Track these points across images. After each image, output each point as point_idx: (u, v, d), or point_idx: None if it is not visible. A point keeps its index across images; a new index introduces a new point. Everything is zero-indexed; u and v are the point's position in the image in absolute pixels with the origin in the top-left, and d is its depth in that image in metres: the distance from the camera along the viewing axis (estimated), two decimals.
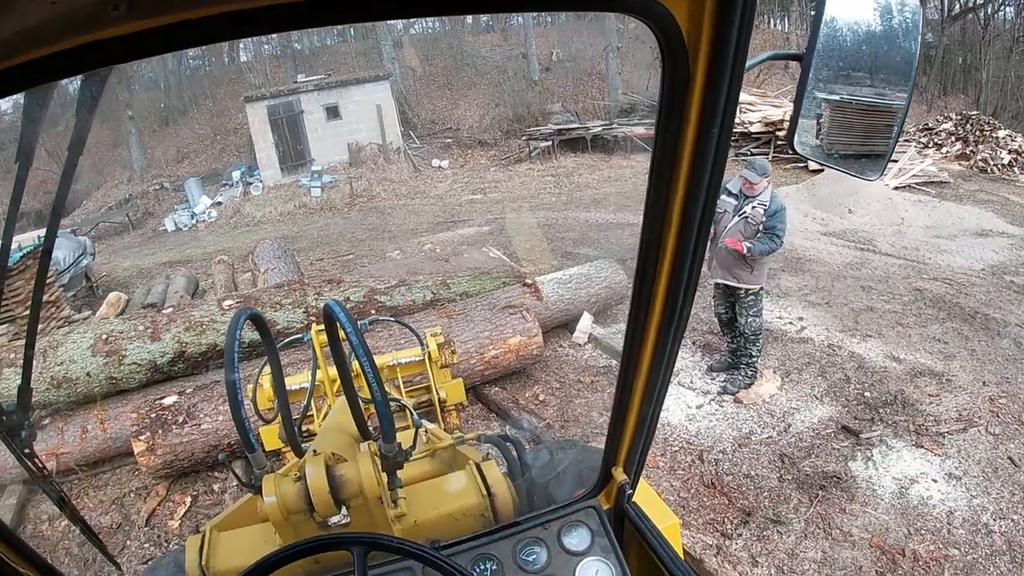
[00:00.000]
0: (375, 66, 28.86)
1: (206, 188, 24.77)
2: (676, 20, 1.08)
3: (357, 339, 1.98)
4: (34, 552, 1.76)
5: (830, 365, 7.37)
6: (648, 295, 1.60)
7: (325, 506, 2.15)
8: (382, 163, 24.96)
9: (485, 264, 8.69)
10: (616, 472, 2.22)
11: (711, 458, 6.03)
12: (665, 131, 1.27)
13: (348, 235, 17.73)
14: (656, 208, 1.41)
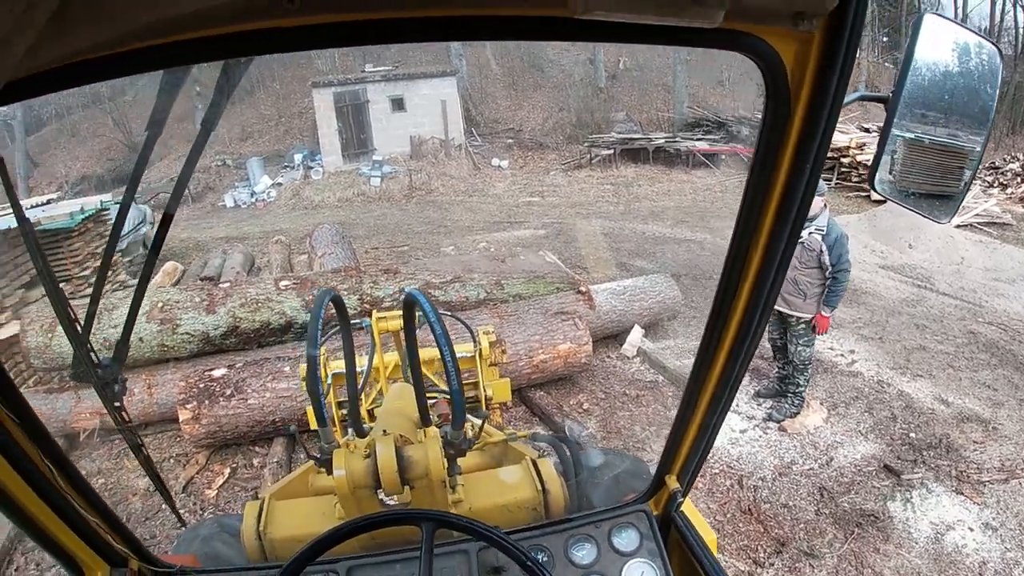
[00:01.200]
0: (442, 62, 28.97)
1: (267, 168, 25.14)
2: (783, 61, 1.18)
3: (440, 328, 2.06)
4: (100, 499, 1.83)
5: (878, 402, 7.20)
6: (726, 314, 1.70)
7: (391, 484, 2.25)
8: (443, 158, 25.10)
9: (540, 268, 8.64)
10: (669, 480, 2.29)
11: (750, 484, 5.95)
12: (762, 164, 1.36)
13: (404, 226, 17.83)
14: (744, 234, 1.51)
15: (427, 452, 2.33)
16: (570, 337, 7.32)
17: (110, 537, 1.93)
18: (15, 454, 1.52)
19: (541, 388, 7.52)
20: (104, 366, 1.75)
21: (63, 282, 10.73)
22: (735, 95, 28.50)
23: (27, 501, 1.63)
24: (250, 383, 6.63)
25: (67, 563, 1.88)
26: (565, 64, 31.47)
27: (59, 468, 1.65)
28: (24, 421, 1.51)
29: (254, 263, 13.82)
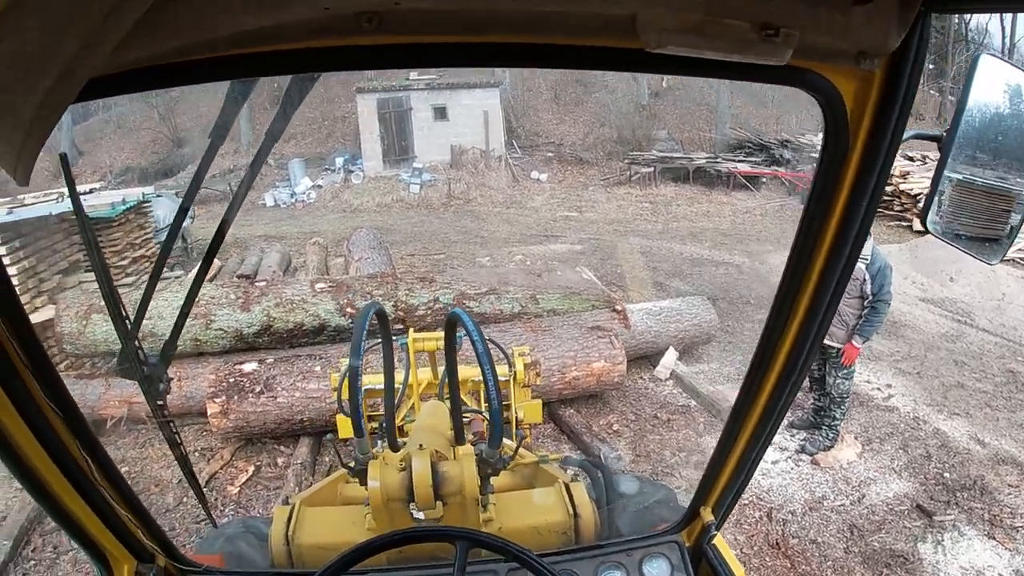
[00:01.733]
0: (486, 73, 29.02)
1: (308, 170, 25.37)
2: (843, 99, 1.20)
3: (482, 347, 2.09)
4: (132, 493, 1.88)
5: (913, 439, 7.02)
6: (773, 347, 1.74)
7: (425, 498, 2.26)
8: (482, 168, 25.14)
9: (577, 285, 8.58)
10: (704, 512, 2.27)
11: (779, 517, 5.83)
12: (819, 198, 1.39)
13: (441, 235, 17.87)
14: (797, 268, 1.54)
15: (462, 469, 2.33)
16: (605, 355, 7.25)
17: (140, 532, 1.96)
18: (54, 444, 1.54)
19: (571, 406, 7.45)
20: (151, 363, 1.76)
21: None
22: (779, 118, 28.20)
23: (61, 491, 1.64)
24: (280, 381, 6.65)
25: (95, 555, 1.90)
26: (609, 80, 31.33)
27: (95, 460, 1.68)
28: (65, 412, 1.52)
29: (291, 263, 13.91)
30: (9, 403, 1.40)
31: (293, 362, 6.87)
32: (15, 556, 5.35)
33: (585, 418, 7.27)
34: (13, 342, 1.34)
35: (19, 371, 1.39)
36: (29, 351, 1.39)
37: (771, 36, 0.98)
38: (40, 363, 1.42)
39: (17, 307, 1.34)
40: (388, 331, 2.61)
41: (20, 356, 1.37)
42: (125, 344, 1.68)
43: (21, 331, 1.36)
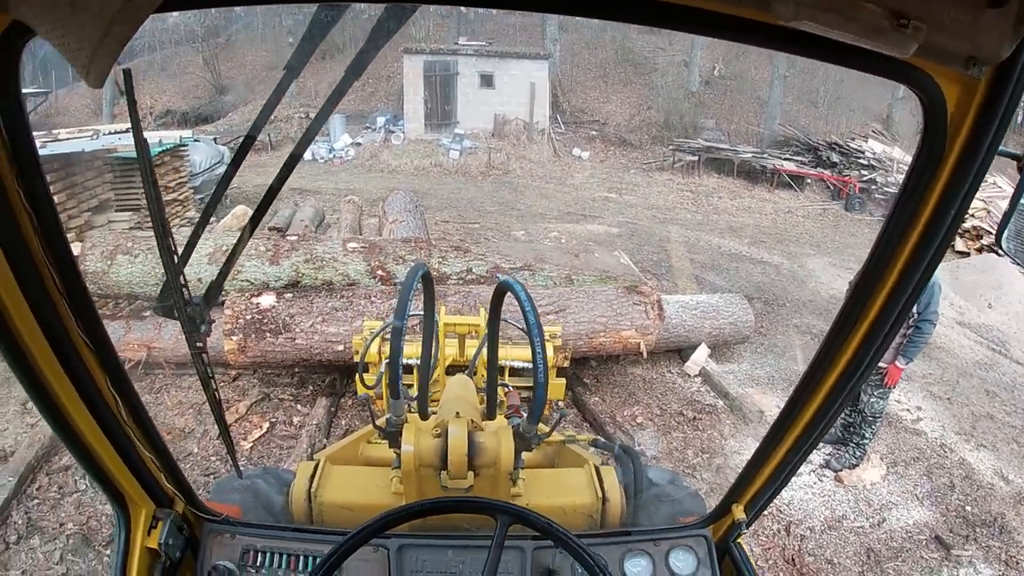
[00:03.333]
0: (536, 44, 28.75)
1: (349, 127, 25.27)
2: (946, 103, 1.17)
3: (534, 319, 2.06)
4: (158, 436, 1.87)
5: (938, 467, 6.83)
6: (834, 354, 1.70)
7: (459, 467, 2.25)
8: (524, 140, 24.93)
9: (614, 269, 8.36)
10: (735, 509, 2.26)
11: (797, 533, 5.70)
12: (905, 203, 1.36)
13: (477, 204, 17.77)
14: (872, 276, 1.52)
15: (499, 441, 2.32)
16: (637, 325, 7.09)
17: (161, 476, 1.97)
18: (82, 379, 1.53)
19: (596, 393, 7.37)
20: (194, 304, 1.72)
21: (131, 211, 10.86)
22: (828, 119, 27.70)
23: (85, 427, 1.64)
24: (299, 322, 6.60)
25: (113, 495, 1.91)
26: (659, 63, 30.96)
27: (124, 399, 1.68)
28: (97, 347, 1.53)
29: (324, 219, 13.84)
30: (40, 333, 1.39)
31: (312, 302, 6.79)
32: (19, 494, 5.33)
33: (609, 407, 7.16)
34: (52, 271, 1.34)
35: (54, 301, 1.39)
36: (67, 282, 1.39)
37: (902, 27, 0.95)
38: (77, 295, 1.43)
39: (60, 235, 1.33)
40: (432, 295, 2.55)
41: (57, 286, 1.37)
42: (171, 281, 1.64)
43: (61, 261, 1.36)
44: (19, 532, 4.99)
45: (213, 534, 2.22)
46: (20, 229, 1.26)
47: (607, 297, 7.19)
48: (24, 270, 1.30)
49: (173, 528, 2.04)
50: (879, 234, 1.45)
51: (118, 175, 11.04)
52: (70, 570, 4.75)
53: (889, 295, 1.52)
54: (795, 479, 6.29)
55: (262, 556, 2.22)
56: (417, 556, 2.21)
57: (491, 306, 2.51)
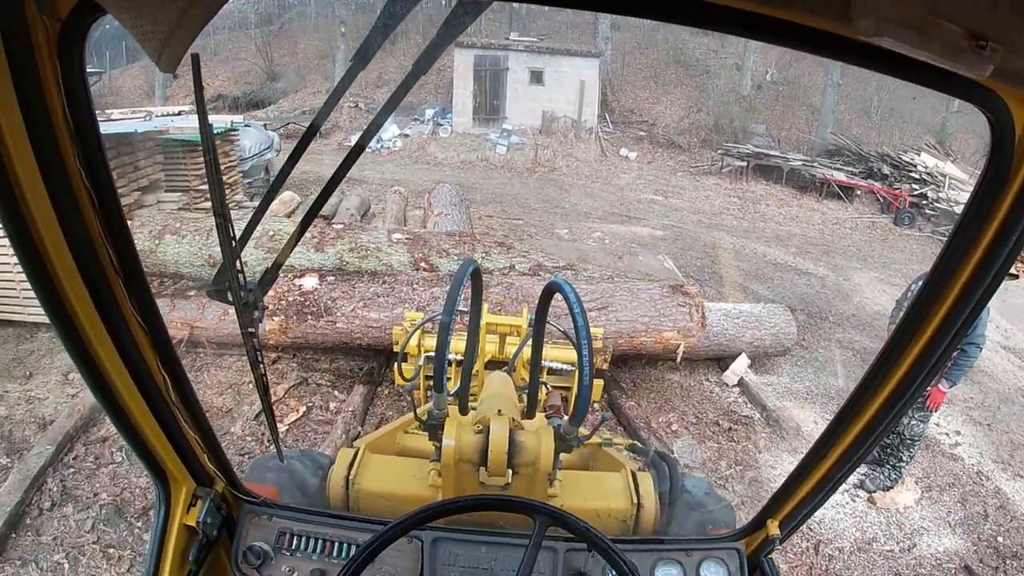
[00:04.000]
0: (588, 42, 28.62)
1: (397, 118, 25.31)
2: (1015, 125, 1.17)
3: (582, 320, 2.04)
4: (203, 416, 1.91)
5: (973, 494, 6.66)
6: (885, 373, 1.68)
7: (498, 464, 2.27)
8: (572, 139, 24.82)
9: (657, 273, 8.32)
10: (770, 524, 2.24)
11: (826, 552, 5.60)
12: (967, 224, 1.34)
13: (522, 200, 17.76)
14: (931, 296, 1.49)
15: (540, 441, 2.33)
16: (679, 327, 7.06)
17: (204, 457, 2.01)
18: (134, 358, 1.57)
19: (632, 398, 7.32)
20: (248, 289, 1.74)
21: (180, 191, 11.05)
22: (880, 129, 27.21)
23: (134, 405, 1.68)
24: (340, 306, 6.70)
25: (156, 472, 1.94)
26: (711, 65, 30.67)
27: (173, 380, 1.72)
28: (150, 328, 1.57)
29: (369, 209, 13.94)
30: (95, 312, 1.42)
31: (354, 286, 6.87)
32: (56, 462, 5.46)
33: (645, 412, 7.10)
34: (109, 250, 1.37)
35: (111, 280, 1.42)
36: (123, 262, 1.42)
37: (980, 48, 0.94)
38: (133, 275, 1.46)
39: (119, 216, 1.36)
40: (480, 291, 2.61)
41: (114, 265, 1.40)
42: (227, 265, 1.65)
43: (119, 241, 1.38)
44: (53, 499, 5.11)
45: (250, 515, 2.26)
46: (80, 208, 1.28)
47: (651, 296, 7.15)
48: (82, 248, 1.32)
49: (212, 507, 2.08)
50: (939, 254, 1.44)
51: (169, 156, 11.24)
52: (101, 539, 4.84)
53: (946, 316, 1.50)
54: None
55: (298, 539, 2.25)
56: (451, 550, 2.22)
57: (538, 305, 2.52)
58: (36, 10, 1.04)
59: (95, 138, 1.24)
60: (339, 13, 30.81)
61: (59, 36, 1.08)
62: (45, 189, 1.21)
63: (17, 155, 1.14)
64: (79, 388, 6.44)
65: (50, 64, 1.11)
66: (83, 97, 1.18)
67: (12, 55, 1.05)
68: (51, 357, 7.02)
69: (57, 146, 1.19)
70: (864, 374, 1.75)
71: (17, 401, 6.31)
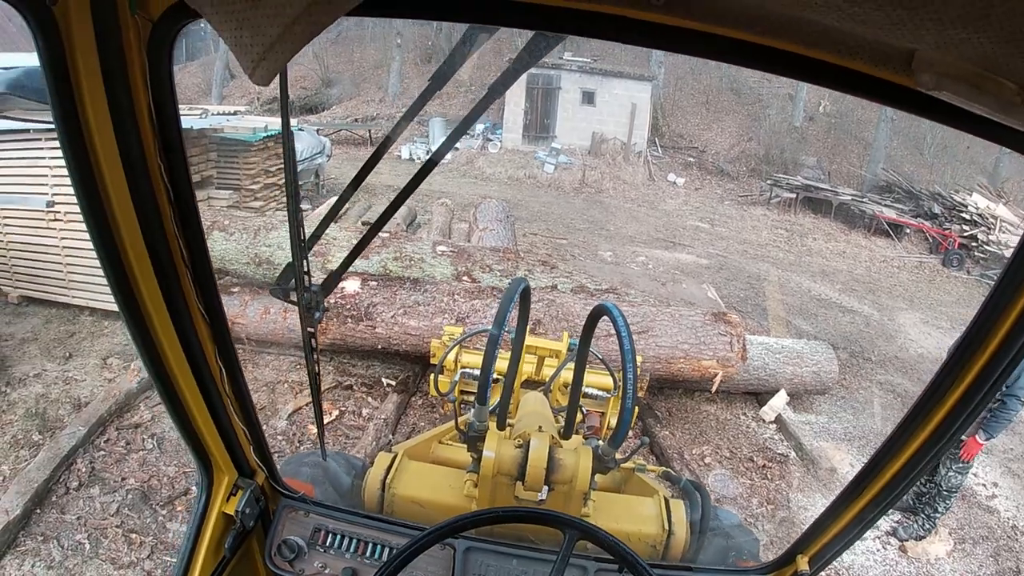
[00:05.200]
0: (641, 65, 28.58)
1: (448, 130, 25.40)
2: None
3: (629, 345, 2.11)
4: (252, 409, 2.00)
5: (1006, 549, 6.49)
6: (923, 417, 1.69)
7: (535, 480, 2.33)
8: (620, 161, 24.79)
9: (700, 302, 8.27)
10: (800, 560, 2.23)
11: None
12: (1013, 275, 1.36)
13: (567, 220, 17.79)
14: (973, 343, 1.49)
15: (578, 460, 2.37)
16: (719, 356, 7.01)
17: (249, 449, 2.10)
18: (193, 348, 1.66)
19: (667, 427, 7.26)
20: (311, 290, 1.83)
21: (231, 189, 11.26)
22: (932, 167, 26.75)
23: (188, 393, 1.77)
24: (380, 312, 6.80)
25: (202, 460, 2.03)
26: (764, 94, 30.43)
27: (228, 372, 1.81)
28: (212, 320, 1.66)
29: (415, 219, 14.07)
30: (163, 301, 1.51)
31: (395, 294, 6.94)
32: (87, 443, 5.60)
33: (678, 442, 7.04)
34: (181, 243, 1.45)
35: (179, 272, 1.50)
36: (193, 254, 1.50)
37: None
38: (201, 268, 1.54)
39: (193, 211, 1.43)
40: (527, 309, 2.63)
41: (184, 259, 1.48)
42: (295, 266, 1.74)
43: (191, 233, 1.46)
44: (81, 480, 5.24)
45: (288, 509, 2.33)
46: (157, 201, 1.35)
47: (693, 323, 7.11)
48: (155, 239, 1.39)
49: (251, 498, 2.16)
50: (984, 300, 1.45)
51: (222, 155, 11.48)
52: (124, 523, 4.95)
53: (986, 364, 1.50)
54: (859, 544, 6.13)
55: (332, 537, 2.31)
56: (482, 560, 2.25)
57: (584, 328, 2.54)
58: (128, 10, 1.10)
59: (177, 136, 1.31)
60: (396, 25, 31.16)
61: (150, 36, 1.15)
62: (126, 181, 1.28)
63: (102, 147, 1.21)
64: (116, 372, 6.60)
65: (139, 62, 1.18)
66: (168, 96, 1.25)
67: (104, 52, 1.12)
68: (92, 340, 7.18)
69: (140, 141, 1.26)
70: (903, 417, 1.76)
71: (55, 381, 6.49)
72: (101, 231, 1.31)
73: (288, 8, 0.82)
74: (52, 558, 4.58)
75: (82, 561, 4.60)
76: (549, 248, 13.85)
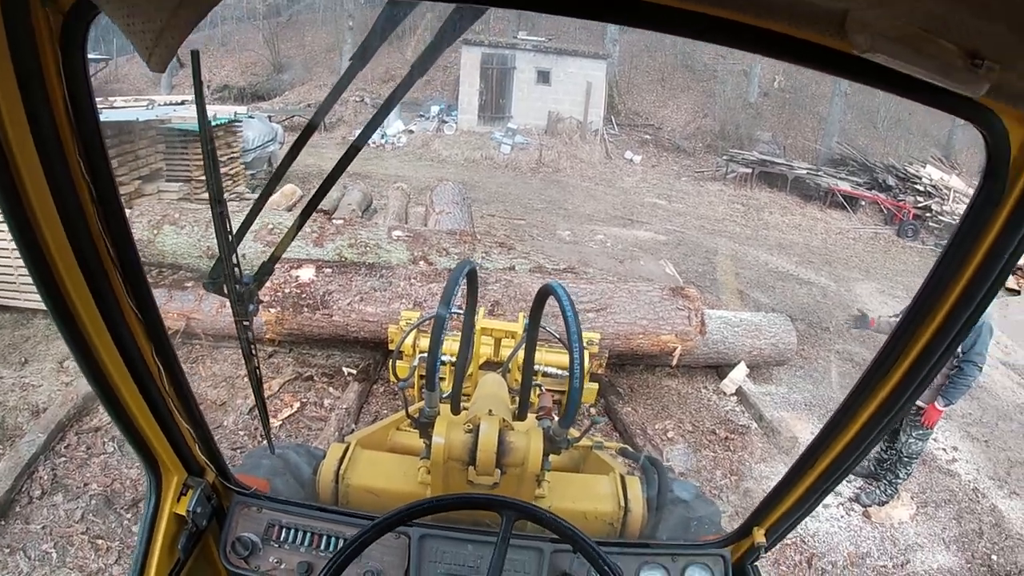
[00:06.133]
0: (596, 43, 28.58)
1: (402, 114, 25.36)
2: (1011, 144, 1.18)
3: (574, 325, 2.11)
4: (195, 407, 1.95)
5: (968, 511, 6.63)
6: (873, 386, 1.70)
7: (486, 464, 2.32)
8: (576, 140, 24.81)
9: (658, 278, 8.27)
10: (756, 532, 2.24)
11: (819, 566, 5.58)
12: (960, 241, 1.36)
13: (524, 200, 17.78)
14: (920, 311, 1.51)
15: (529, 442, 2.38)
16: (678, 331, 7.02)
17: (195, 446, 2.05)
18: (129, 346, 1.60)
19: (629, 404, 7.27)
20: (244, 283, 1.79)
21: (181, 182, 11.05)
22: (886, 140, 27.18)
23: (127, 393, 1.71)
24: (336, 299, 6.68)
25: (148, 461, 1.98)
26: (719, 71, 30.64)
27: (167, 369, 1.75)
28: (145, 317, 1.61)
29: (371, 204, 13.92)
30: (91, 299, 1.45)
31: (351, 280, 6.83)
32: (47, 450, 5.46)
33: (641, 418, 7.06)
34: (107, 241, 1.40)
35: (107, 270, 1.45)
36: (121, 253, 1.45)
37: (975, 66, 0.96)
38: (130, 265, 1.50)
39: (117, 207, 1.38)
40: (476, 292, 2.65)
41: (111, 255, 1.43)
42: (223, 258, 1.69)
43: (116, 232, 1.41)
44: (43, 488, 5.10)
45: (240, 506, 2.29)
46: (79, 199, 1.30)
47: (651, 298, 7.10)
48: (80, 239, 1.34)
49: (202, 497, 2.11)
50: (931, 269, 1.45)
51: (170, 146, 11.26)
52: (90, 529, 4.84)
53: (935, 333, 1.52)
54: (822, 511, 6.23)
55: (286, 531, 2.28)
56: (437, 547, 2.24)
57: (532, 307, 2.55)
58: (39, 3, 1.05)
59: (95, 130, 1.26)
60: (347, 7, 30.79)
61: (61, 29, 1.10)
62: (45, 179, 1.22)
63: (18, 145, 1.15)
64: (73, 376, 6.43)
65: (52, 56, 1.12)
66: (84, 90, 1.20)
67: (14, 46, 1.07)
68: (47, 344, 6.99)
69: (58, 137, 1.20)
70: (854, 386, 1.76)
71: (11, 387, 6.31)
72: (23, 233, 1.26)
73: None
74: (20, 570, 4.46)
75: (50, 571, 4.49)
76: (507, 229, 13.81)
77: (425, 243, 7.80)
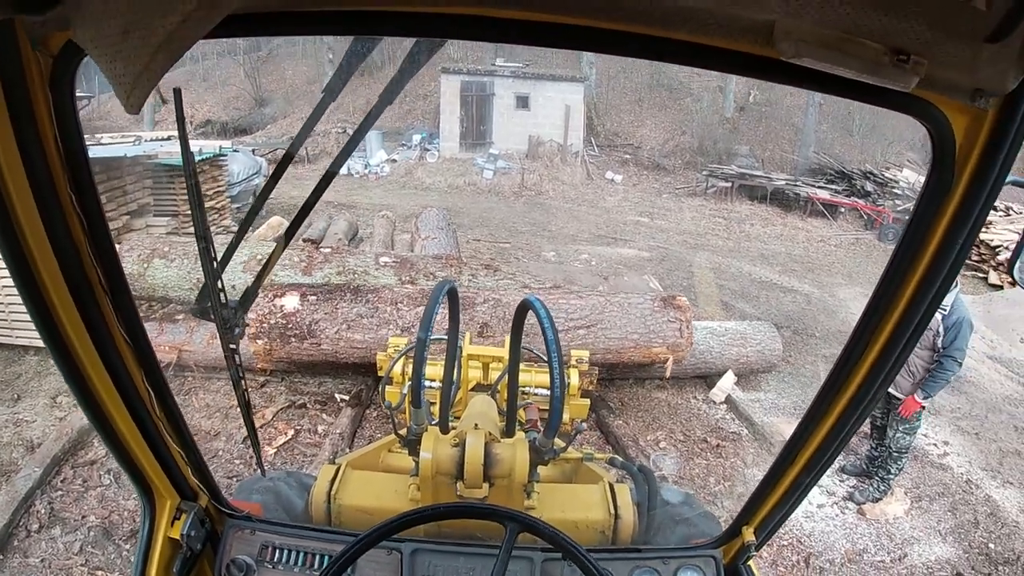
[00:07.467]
0: (572, 67, 28.82)
1: (385, 144, 25.51)
2: (954, 134, 1.21)
3: (553, 336, 2.15)
4: (187, 432, 1.96)
5: (963, 503, 6.70)
6: (845, 377, 1.72)
7: (474, 477, 2.36)
8: (558, 163, 24.94)
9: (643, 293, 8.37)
10: (746, 531, 2.27)
11: (816, 564, 5.62)
12: (914, 233, 1.39)
13: (509, 223, 17.87)
14: (881, 300, 1.54)
15: (515, 453, 2.42)
16: (669, 343, 7.12)
17: (188, 471, 2.05)
18: (120, 373, 1.63)
19: (620, 416, 7.33)
20: (229, 307, 1.83)
21: (169, 216, 11.11)
22: (862, 147, 27.46)
23: (120, 420, 1.73)
24: (324, 328, 6.71)
25: (141, 486, 1.99)
26: (695, 88, 30.91)
27: (157, 395, 1.77)
28: (135, 344, 1.63)
29: (357, 233, 14.00)
30: (84, 328, 1.48)
31: (336, 307, 6.87)
32: (43, 484, 5.48)
33: (633, 430, 7.12)
34: (98, 271, 1.43)
35: (98, 298, 1.48)
36: (111, 282, 1.48)
37: (902, 62, 1.00)
38: (119, 293, 1.52)
39: (107, 238, 1.42)
40: (457, 311, 2.65)
41: (102, 283, 1.46)
42: (209, 285, 1.74)
43: (107, 262, 1.45)
44: (41, 521, 5.12)
45: (234, 529, 2.30)
46: (70, 231, 1.35)
47: (642, 311, 7.20)
48: (72, 269, 1.39)
49: (196, 521, 2.13)
50: (888, 262, 1.48)
51: (157, 181, 11.30)
52: (89, 561, 4.85)
53: (898, 322, 1.54)
54: (817, 511, 6.28)
55: (280, 552, 2.29)
56: (429, 561, 2.25)
57: (514, 321, 2.59)
58: (30, 47, 1.11)
59: (84, 165, 1.31)
60: (326, 40, 30.98)
61: (51, 71, 1.16)
62: (38, 213, 1.28)
63: (12, 180, 1.20)
64: (67, 411, 6.47)
65: (43, 96, 1.18)
66: (73, 127, 1.25)
67: (7, 88, 1.13)
68: (39, 380, 7.03)
69: (49, 172, 1.26)
70: (825, 379, 1.79)
71: (5, 423, 6.33)
72: (17, 264, 1.31)
73: (152, 38, 0.85)
74: None
75: None
76: (492, 252, 13.85)
77: (412, 268, 7.90)
